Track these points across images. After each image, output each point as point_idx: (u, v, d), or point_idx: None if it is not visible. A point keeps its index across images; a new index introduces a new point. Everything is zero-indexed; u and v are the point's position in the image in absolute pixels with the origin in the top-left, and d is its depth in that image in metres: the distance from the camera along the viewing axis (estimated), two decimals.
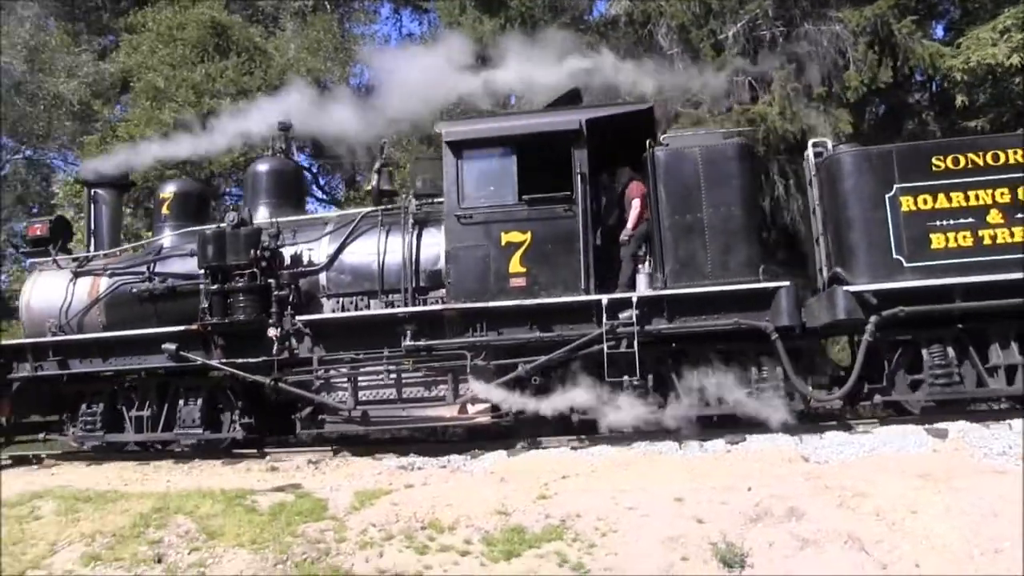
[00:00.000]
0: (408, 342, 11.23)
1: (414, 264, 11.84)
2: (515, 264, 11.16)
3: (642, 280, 11.13)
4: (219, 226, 12.20)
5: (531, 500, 8.64)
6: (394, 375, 11.39)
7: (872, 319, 10.18)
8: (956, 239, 10.16)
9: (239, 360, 11.86)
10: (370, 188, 13.32)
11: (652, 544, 7.61)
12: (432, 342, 11.26)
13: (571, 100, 12.33)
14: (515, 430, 11.49)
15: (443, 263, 11.46)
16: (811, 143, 11.46)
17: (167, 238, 13.36)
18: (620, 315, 10.68)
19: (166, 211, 13.55)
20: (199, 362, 12.02)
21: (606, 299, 10.75)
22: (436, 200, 11.85)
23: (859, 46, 17.47)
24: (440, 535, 8.12)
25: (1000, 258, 10.01)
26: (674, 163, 11.04)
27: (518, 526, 8.13)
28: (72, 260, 13.74)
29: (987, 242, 10.09)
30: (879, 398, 10.73)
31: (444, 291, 11.46)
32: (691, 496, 8.33)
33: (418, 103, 14.55)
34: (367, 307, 11.94)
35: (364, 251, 12.13)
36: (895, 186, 10.36)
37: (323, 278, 12.21)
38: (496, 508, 8.48)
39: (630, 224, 11.46)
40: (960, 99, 17.68)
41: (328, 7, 25.67)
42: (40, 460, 12.86)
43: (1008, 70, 16.99)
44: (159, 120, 20.79)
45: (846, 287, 10.29)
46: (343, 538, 8.16)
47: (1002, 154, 10.24)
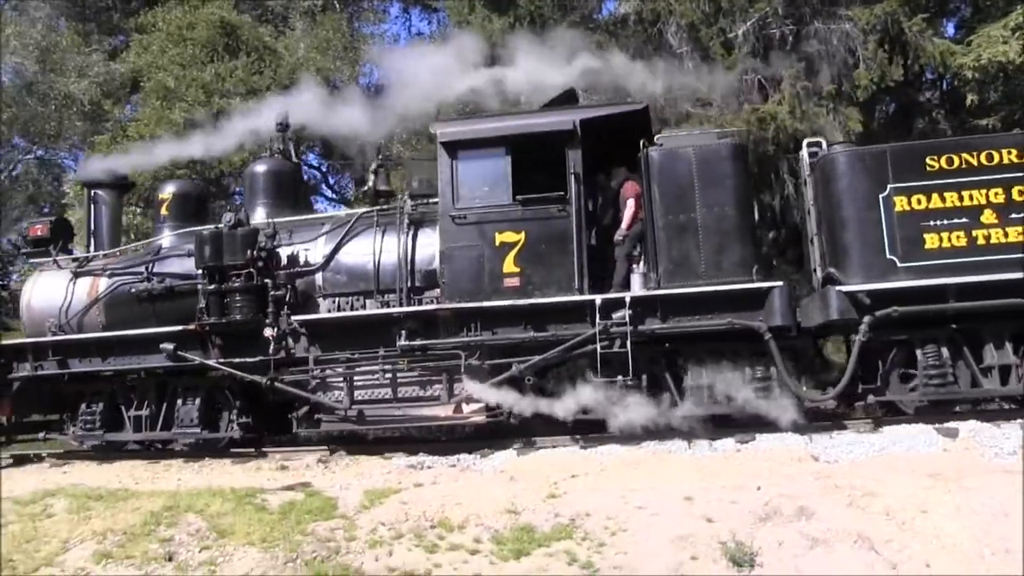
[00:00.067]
0: (403, 342, 11.26)
1: (409, 264, 11.86)
2: (509, 264, 11.17)
3: (636, 280, 11.12)
4: (216, 227, 12.24)
5: (541, 499, 8.65)
6: (389, 375, 11.40)
7: (865, 319, 10.14)
8: (950, 239, 10.12)
9: (236, 360, 11.90)
10: (367, 188, 13.34)
11: (661, 543, 7.59)
12: (427, 342, 11.28)
13: (567, 100, 12.29)
14: (525, 429, 11.50)
15: (438, 263, 11.47)
16: (806, 143, 11.42)
17: (166, 238, 13.46)
18: (614, 315, 10.65)
19: (165, 212, 13.65)
20: (197, 362, 12.07)
21: (599, 299, 10.75)
22: (431, 200, 11.86)
23: (869, 44, 17.35)
24: (450, 534, 8.13)
25: (994, 258, 9.97)
26: (668, 163, 11.01)
27: (528, 525, 8.14)
28: (72, 260, 13.85)
29: (981, 242, 10.05)
30: (873, 398, 10.67)
31: (439, 291, 11.47)
32: (701, 495, 8.32)
33: (427, 101, 14.62)
34: (363, 307, 11.98)
35: (360, 251, 12.17)
36: (889, 186, 10.33)
37: (319, 278, 12.25)
38: (506, 507, 8.49)
39: (624, 224, 11.45)
40: (971, 97, 17.53)
41: (337, 6, 25.69)
42: (41, 459, 12.94)
43: (1019, 68, 16.85)
44: (169, 120, 20.82)
45: (839, 287, 10.26)
46: (353, 537, 8.17)
47: (996, 154, 10.19)
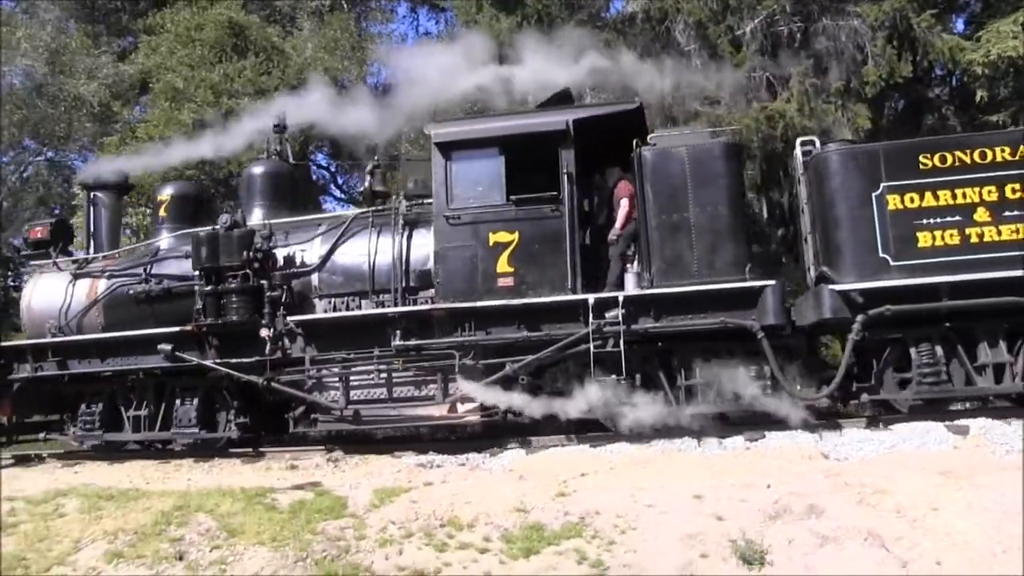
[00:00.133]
0: (398, 342, 11.28)
1: (404, 264, 11.87)
2: (503, 264, 11.16)
3: (630, 279, 11.08)
4: (213, 228, 12.29)
5: (550, 498, 8.64)
6: (384, 374, 11.44)
7: (859, 318, 10.10)
8: (943, 237, 10.03)
9: (233, 360, 11.94)
10: (363, 189, 13.37)
11: (671, 541, 7.57)
12: (421, 342, 11.30)
13: (561, 101, 12.26)
14: (525, 428, 11.58)
15: (432, 263, 11.48)
16: (799, 141, 11.35)
17: (164, 240, 13.53)
18: (607, 314, 10.64)
19: (164, 213, 13.73)
20: (194, 362, 12.11)
21: (592, 298, 10.73)
22: (426, 201, 11.87)
23: (878, 40, 17.27)
24: (459, 532, 8.12)
25: (987, 256, 9.88)
26: (661, 162, 10.98)
27: (537, 523, 8.12)
28: (72, 262, 13.93)
29: (974, 240, 9.96)
30: (867, 397, 10.63)
31: (433, 291, 11.48)
32: (710, 493, 8.30)
33: (435, 101, 14.64)
34: (358, 307, 12.00)
35: (355, 252, 12.20)
36: (882, 184, 10.25)
37: (315, 279, 12.30)
38: (515, 506, 8.48)
39: (618, 224, 11.43)
40: (980, 93, 17.38)
41: (345, 6, 25.75)
42: (42, 459, 13.02)
43: None
44: (178, 121, 20.93)
45: (832, 286, 10.21)
46: (363, 536, 8.17)
47: (989, 152, 10.10)
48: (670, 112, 18.30)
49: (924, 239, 10.06)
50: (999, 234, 9.91)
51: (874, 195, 10.25)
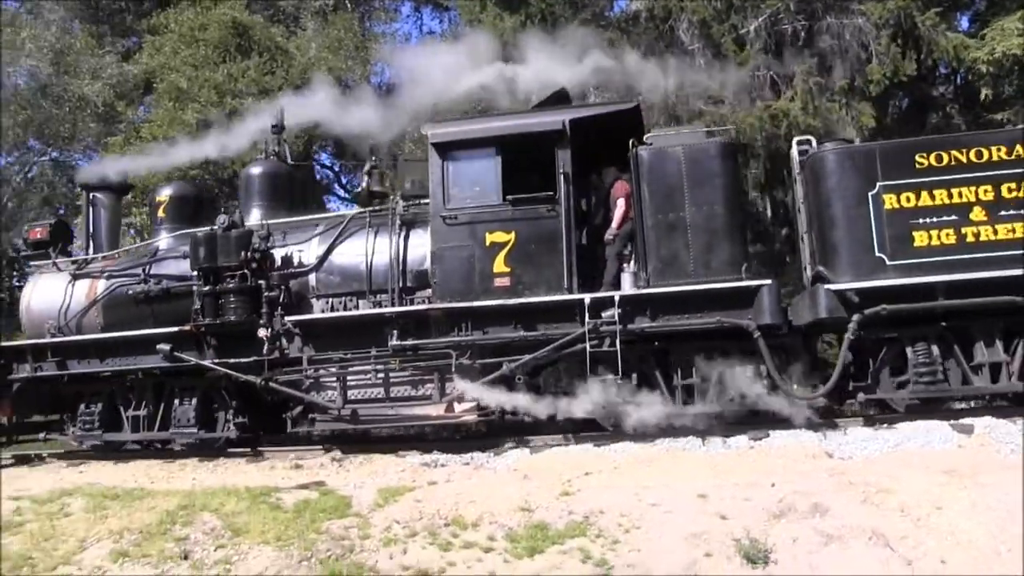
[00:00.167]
0: (395, 342, 11.29)
1: (401, 265, 11.89)
2: (499, 264, 11.17)
3: (627, 279, 11.06)
4: (211, 228, 12.31)
5: (554, 497, 8.63)
6: (382, 374, 11.44)
7: (855, 317, 10.07)
8: (939, 237, 10.01)
9: (231, 360, 11.97)
10: (360, 190, 13.38)
11: (675, 540, 7.55)
12: (418, 341, 11.31)
13: (558, 101, 12.26)
14: (524, 427, 11.58)
15: (429, 263, 11.49)
16: (795, 141, 11.36)
17: (163, 240, 13.57)
18: (603, 314, 10.65)
19: (162, 214, 13.78)
20: (192, 362, 12.14)
21: (588, 298, 10.74)
22: (423, 201, 11.87)
23: (882, 39, 17.25)
24: (463, 532, 8.11)
25: (983, 255, 9.86)
26: (657, 162, 10.96)
27: (541, 523, 8.11)
28: (71, 263, 13.98)
29: (970, 240, 9.94)
30: (863, 396, 10.60)
31: (430, 291, 11.49)
32: (714, 492, 8.30)
33: (438, 100, 14.64)
34: (356, 307, 12.02)
35: (352, 252, 12.22)
36: (878, 184, 10.22)
37: (312, 279, 12.32)
38: (519, 505, 8.47)
39: (615, 223, 11.43)
40: (985, 92, 17.32)
41: (349, 6, 25.82)
42: (42, 459, 13.07)
43: None
44: (182, 121, 20.99)
45: (828, 285, 10.19)
46: (367, 535, 8.16)
47: (985, 151, 10.07)
48: (674, 111, 18.27)
49: (920, 238, 10.03)
50: (995, 233, 9.89)
51: (870, 194, 10.22)
